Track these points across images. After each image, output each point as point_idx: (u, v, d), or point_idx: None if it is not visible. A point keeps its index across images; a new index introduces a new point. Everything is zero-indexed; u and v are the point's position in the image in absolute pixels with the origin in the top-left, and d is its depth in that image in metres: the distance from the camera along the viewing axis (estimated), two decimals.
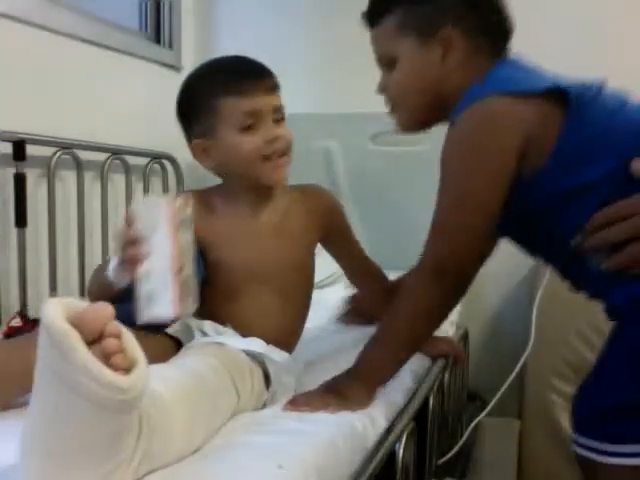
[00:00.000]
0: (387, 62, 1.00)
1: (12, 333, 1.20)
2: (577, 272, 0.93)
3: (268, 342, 1.01)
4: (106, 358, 0.57)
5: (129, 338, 0.61)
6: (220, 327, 1.02)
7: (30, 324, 1.24)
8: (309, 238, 1.12)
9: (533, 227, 0.93)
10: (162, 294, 0.85)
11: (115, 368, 0.57)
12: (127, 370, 0.58)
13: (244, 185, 1.06)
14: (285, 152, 1.04)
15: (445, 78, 0.96)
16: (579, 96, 0.87)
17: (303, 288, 1.13)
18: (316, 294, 1.22)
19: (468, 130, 0.90)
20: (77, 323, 0.57)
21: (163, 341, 1.00)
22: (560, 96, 0.86)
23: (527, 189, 0.88)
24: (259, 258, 1.06)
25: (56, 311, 0.56)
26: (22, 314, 1.33)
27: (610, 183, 0.85)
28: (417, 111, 1.01)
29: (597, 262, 0.85)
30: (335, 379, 0.96)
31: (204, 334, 1.01)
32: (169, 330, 1.02)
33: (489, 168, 0.88)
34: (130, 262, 0.85)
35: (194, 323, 1.03)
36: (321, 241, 1.17)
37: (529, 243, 0.99)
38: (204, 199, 1.07)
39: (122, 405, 0.58)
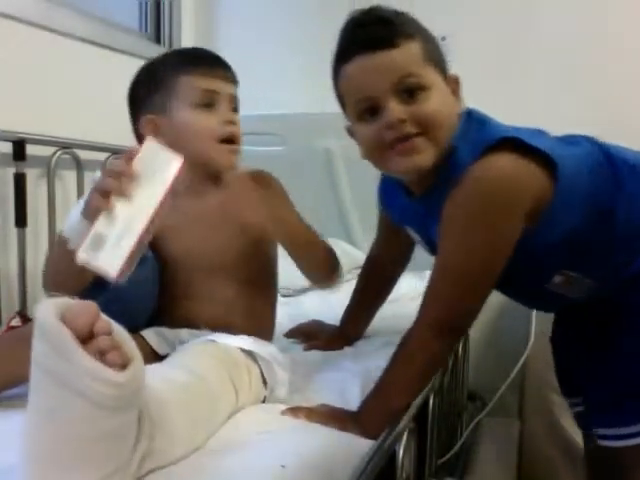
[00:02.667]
0: (411, 87, 0.89)
1: None
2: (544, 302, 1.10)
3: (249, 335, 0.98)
4: (101, 356, 0.57)
5: (122, 334, 0.60)
6: (197, 332, 0.99)
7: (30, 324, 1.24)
8: (261, 223, 1.07)
9: (514, 271, 0.91)
10: (117, 248, 0.72)
11: (110, 365, 0.56)
12: (122, 366, 0.58)
13: (192, 170, 0.87)
14: (238, 140, 1.00)
15: (454, 120, 0.92)
16: (560, 162, 0.89)
17: (265, 276, 1.09)
18: (320, 295, 1.22)
19: (485, 192, 0.88)
20: (68, 321, 0.56)
21: (139, 339, 0.97)
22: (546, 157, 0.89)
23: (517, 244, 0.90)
24: (211, 247, 1.03)
25: (49, 310, 0.56)
26: (22, 314, 1.33)
27: (583, 227, 0.92)
28: (442, 149, 0.90)
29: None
30: (339, 412, 0.91)
31: (181, 343, 0.98)
32: (141, 332, 0.99)
33: (504, 233, 0.88)
34: (105, 194, 0.74)
35: (169, 333, 1.00)
36: None
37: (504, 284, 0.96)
38: None
39: (119, 402, 0.58)
